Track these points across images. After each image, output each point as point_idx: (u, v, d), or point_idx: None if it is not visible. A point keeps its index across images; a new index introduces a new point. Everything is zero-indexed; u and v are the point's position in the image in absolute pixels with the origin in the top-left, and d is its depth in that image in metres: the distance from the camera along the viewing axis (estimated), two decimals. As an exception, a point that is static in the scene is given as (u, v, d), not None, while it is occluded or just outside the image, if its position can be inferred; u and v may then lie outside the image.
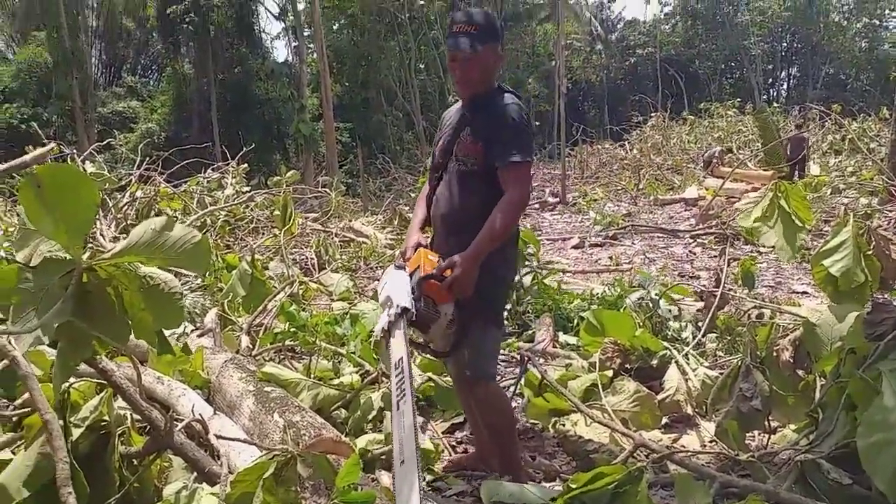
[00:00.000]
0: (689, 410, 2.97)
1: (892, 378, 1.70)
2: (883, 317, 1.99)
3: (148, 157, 8.34)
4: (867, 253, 2.40)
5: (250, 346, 3.66)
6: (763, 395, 2.39)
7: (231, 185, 8.45)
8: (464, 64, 2.20)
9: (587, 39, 38.69)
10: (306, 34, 27.59)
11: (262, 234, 7.34)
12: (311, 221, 8.62)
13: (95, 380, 2.06)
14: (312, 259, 6.55)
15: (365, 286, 5.69)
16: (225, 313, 4.08)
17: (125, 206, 6.75)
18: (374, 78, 27.59)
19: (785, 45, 43.26)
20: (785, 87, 44.72)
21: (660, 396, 2.97)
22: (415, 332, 2.16)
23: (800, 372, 2.48)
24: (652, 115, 24.14)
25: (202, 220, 6.82)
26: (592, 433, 2.69)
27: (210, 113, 25.76)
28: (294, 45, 29.75)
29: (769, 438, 2.59)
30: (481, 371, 2.31)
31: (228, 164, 9.02)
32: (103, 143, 10.88)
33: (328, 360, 3.37)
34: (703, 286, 5.40)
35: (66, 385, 1.82)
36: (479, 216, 2.15)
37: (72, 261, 1.44)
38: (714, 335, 3.84)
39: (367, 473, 2.34)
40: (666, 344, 3.44)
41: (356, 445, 2.40)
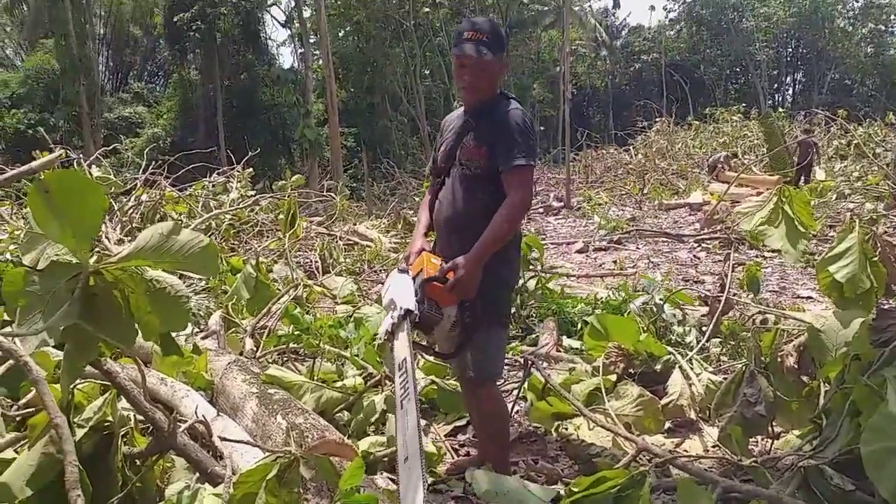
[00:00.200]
0: (693, 415, 2.96)
1: (896, 384, 1.69)
2: (888, 323, 1.98)
3: (153, 162, 8.39)
4: (873, 259, 2.39)
5: (254, 349, 3.67)
6: (767, 401, 2.39)
7: (236, 189, 8.49)
8: (472, 70, 2.24)
9: (592, 45, 38.77)
10: (312, 41, 27.74)
11: (267, 238, 7.37)
12: (316, 225, 8.64)
13: (99, 381, 2.08)
14: (316, 262, 6.57)
15: (369, 289, 5.70)
16: (229, 315, 4.09)
17: (130, 210, 6.79)
18: (379, 84, 27.71)
19: (790, 50, 43.27)
20: (790, 92, 44.71)
21: (663, 401, 2.96)
22: (418, 335, 2.17)
23: (804, 378, 2.47)
24: (657, 120, 24.12)
25: (207, 223, 6.85)
26: (595, 437, 2.69)
27: (216, 118, 25.90)
28: (300, 51, 29.94)
29: (772, 444, 2.58)
30: (486, 372, 2.33)
31: (234, 169, 9.07)
32: (109, 147, 11.01)
33: (331, 363, 3.38)
34: (708, 291, 5.39)
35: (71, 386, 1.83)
36: (482, 219, 2.18)
37: (79, 264, 1.46)
38: (718, 340, 3.83)
39: (369, 475, 2.35)
40: (670, 349, 3.43)
41: (359, 448, 2.40)
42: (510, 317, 2.90)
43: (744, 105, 25.91)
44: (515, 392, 3.12)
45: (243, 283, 4.33)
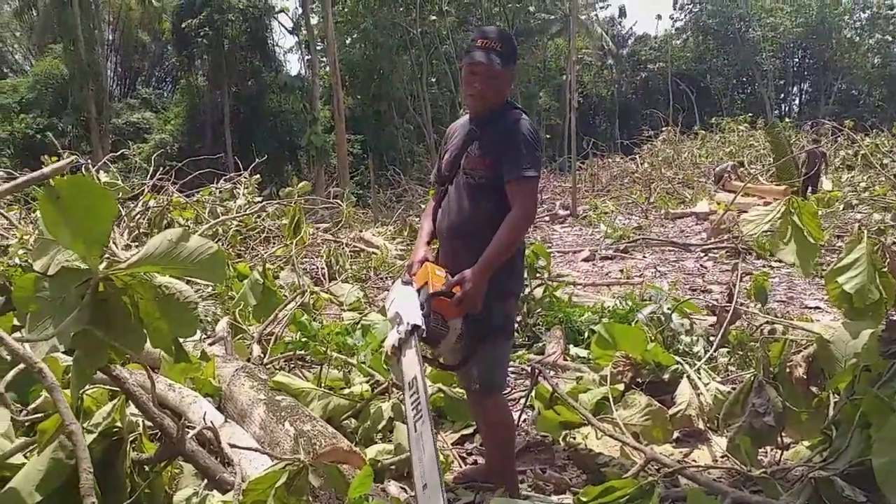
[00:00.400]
0: (701, 425, 2.94)
1: (907, 396, 1.68)
2: (898, 334, 1.97)
3: (161, 168, 8.42)
4: (882, 270, 2.38)
5: (261, 355, 3.68)
6: (776, 411, 2.37)
7: (243, 195, 8.51)
8: (482, 78, 2.24)
9: (598, 54, 38.83)
10: (319, 48, 27.88)
11: (274, 244, 7.38)
12: (322, 232, 8.66)
13: (108, 386, 2.08)
14: (323, 269, 6.58)
15: (375, 296, 5.70)
16: (236, 322, 4.10)
17: (138, 216, 6.82)
18: (385, 91, 27.81)
19: (797, 60, 43.28)
20: (797, 102, 44.69)
21: (671, 411, 2.95)
22: (424, 347, 2.16)
23: (813, 388, 2.45)
24: (663, 129, 24.15)
25: (214, 229, 6.87)
26: (603, 447, 2.67)
27: (223, 124, 26.06)
28: (307, 58, 30.06)
29: (782, 454, 2.56)
30: (491, 383, 2.33)
31: (241, 175, 9.10)
32: (117, 153, 11.02)
33: (338, 370, 3.38)
34: (715, 300, 5.37)
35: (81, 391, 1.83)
36: (485, 227, 2.18)
37: (88, 270, 1.46)
38: (726, 350, 3.82)
39: (377, 483, 2.34)
40: (678, 358, 3.42)
41: (366, 455, 2.40)
42: (514, 327, 2.89)
43: (750, 115, 25.92)
44: (523, 401, 3.11)
45: (250, 289, 4.32)
